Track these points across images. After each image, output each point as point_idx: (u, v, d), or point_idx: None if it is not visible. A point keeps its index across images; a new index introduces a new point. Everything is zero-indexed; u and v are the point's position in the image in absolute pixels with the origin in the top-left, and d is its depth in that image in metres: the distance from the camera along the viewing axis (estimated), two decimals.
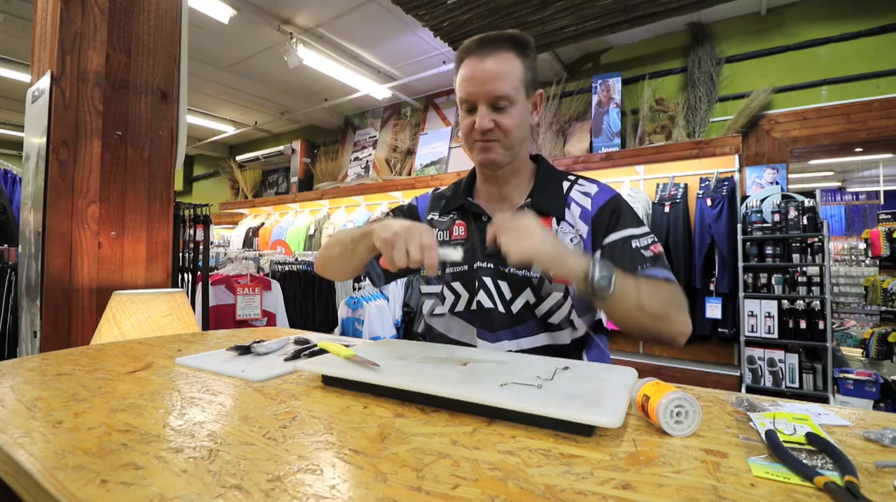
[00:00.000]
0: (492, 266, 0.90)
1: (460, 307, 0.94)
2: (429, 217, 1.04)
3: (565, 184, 0.95)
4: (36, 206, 1.53)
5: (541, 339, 0.88)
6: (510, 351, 0.87)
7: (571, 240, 0.88)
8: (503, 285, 0.90)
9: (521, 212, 0.75)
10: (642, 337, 0.80)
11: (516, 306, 0.89)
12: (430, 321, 1.00)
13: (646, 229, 0.88)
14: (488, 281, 0.91)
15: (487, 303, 0.90)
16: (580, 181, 0.95)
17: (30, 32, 1.75)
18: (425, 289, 1.00)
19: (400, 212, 1.08)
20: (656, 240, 0.87)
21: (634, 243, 0.85)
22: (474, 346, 0.90)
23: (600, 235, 0.88)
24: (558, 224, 0.90)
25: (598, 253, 0.87)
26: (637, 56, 3.60)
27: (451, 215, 1.00)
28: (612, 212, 0.89)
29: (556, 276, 0.81)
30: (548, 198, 0.92)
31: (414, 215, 1.06)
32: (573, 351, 0.90)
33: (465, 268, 0.93)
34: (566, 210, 0.91)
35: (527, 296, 0.88)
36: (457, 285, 0.94)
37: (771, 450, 0.43)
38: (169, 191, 1.76)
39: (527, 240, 0.68)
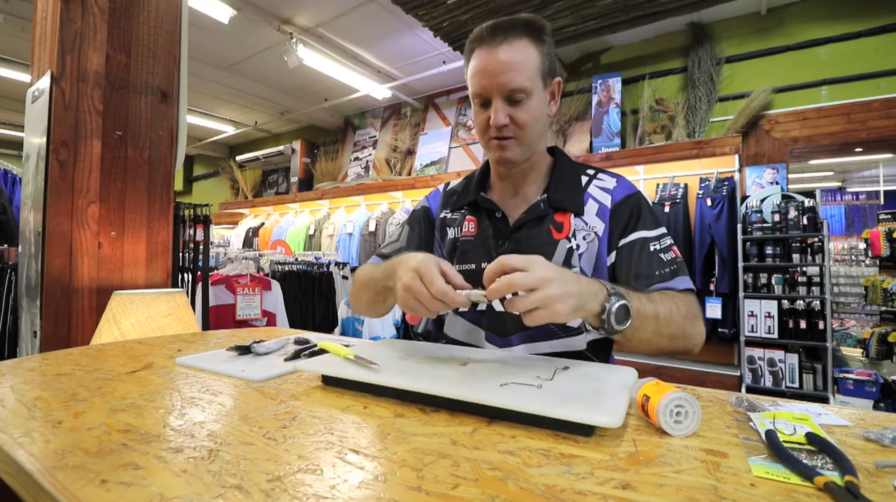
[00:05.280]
0: None
1: (464, 307, 0.92)
2: (441, 215, 1.00)
3: (584, 179, 0.90)
4: (36, 206, 1.53)
5: (556, 345, 0.84)
6: None
7: (585, 238, 0.84)
8: None
9: (528, 257, 0.62)
10: (654, 354, 0.78)
11: None
12: (439, 320, 0.96)
13: (662, 230, 0.84)
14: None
15: (499, 307, 0.86)
16: (599, 175, 0.91)
17: (30, 32, 1.75)
18: None
19: (416, 221, 1.03)
20: (673, 242, 0.84)
21: (653, 246, 0.81)
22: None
23: (616, 235, 0.84)
24: (574, 219, 0.86)
25: (610, 253, 0.83)
26: (637, 56, 3.60)
27: (463, 211, 0.96)
28: (630, 211, 0.84)
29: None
30: (565, 193, 0.87)
31: (428, 217, 1.02)
32: (590, 355, 0.85)
33: (473, 266, 0.89)
34: (584, 206, 0.87)
35: None
36: None
37: (771, 450, 0.43)
38: (169, 191, 1.76)
39: (546, 310, 0.58)
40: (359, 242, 4.43)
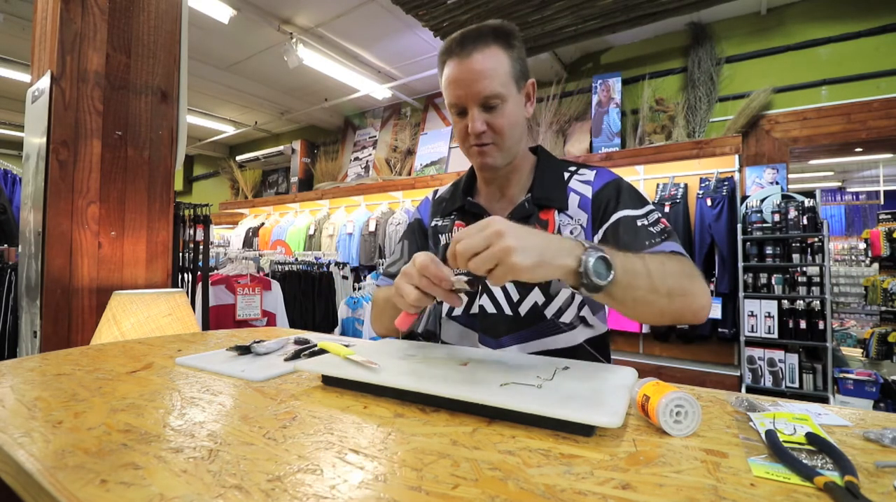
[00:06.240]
0: None
1: (458, 311, 0.92)
2: (433, 223, 1.01)
3: (566, 175, 0.90)
4: (36, 206, 1.53)
5: (549, 342, 0.85)
6: None
7: (571, 232, 0.84)
8: (510, 286, 0.87)
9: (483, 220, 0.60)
10: (661, 322, 0.71)
11: (524, 308, 0.86)
12: (441, 323, 0.98)
13: (649, 207, 0.81)
14: None
15: (491, 309, 0.87)
16: (581, 170, 0.91)
17: (30, 32, 1.75)
18: None
19: (412, 234, 1.03)
20: (661, 216, 0.81)
21: (640, 222, 0.79)
22: None
23: (599, 219, 0.83)
24: (559, 215, 0.86)
25: (595, 238, 0.82)
26: (637, 56, 3.60)
27: (452, 216, 0.97)
28: (609, 195, 0.84)
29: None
30: (548, 190, 0.88)
31: (422, 228, 1.03)
32: (588, 351, 0.85)
33: (465, 271, 0.90)
34: (567, 201, 0.87)
35: (535, 296, 0.85)
36: None
37: (771, 450, 0.43)
38: (169, 191, 1.76)
39: (503, 266, 0.55)
40: (359, 242, 4.43)
